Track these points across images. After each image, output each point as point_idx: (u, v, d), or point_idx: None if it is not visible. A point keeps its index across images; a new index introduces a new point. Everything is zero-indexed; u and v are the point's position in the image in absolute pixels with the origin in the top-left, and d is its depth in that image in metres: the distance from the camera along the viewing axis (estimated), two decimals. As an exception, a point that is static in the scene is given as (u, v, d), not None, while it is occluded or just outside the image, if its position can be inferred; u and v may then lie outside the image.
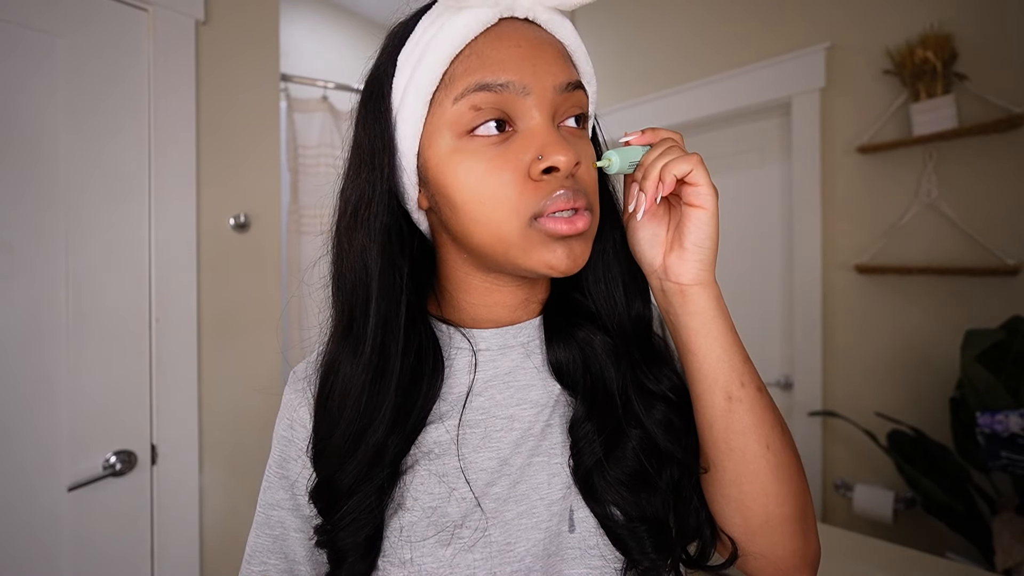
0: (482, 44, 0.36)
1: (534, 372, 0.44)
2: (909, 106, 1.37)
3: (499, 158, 0.36)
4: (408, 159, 0.39)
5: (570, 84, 0.38)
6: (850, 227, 1.52)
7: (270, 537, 0.43)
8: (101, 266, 1.05)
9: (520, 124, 0.36)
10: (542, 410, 0.43)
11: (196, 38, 1.18)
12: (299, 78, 1.68)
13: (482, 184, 0.36)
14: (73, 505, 1.01)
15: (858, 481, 1.50)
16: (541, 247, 0.36)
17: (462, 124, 0.36)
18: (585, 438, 0.41)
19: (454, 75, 0.36)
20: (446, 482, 0.39)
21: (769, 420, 0.39)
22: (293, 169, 1.72)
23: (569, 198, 0.35)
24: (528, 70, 0.36)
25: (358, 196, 0.41)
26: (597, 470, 0.40)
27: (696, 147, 1.91)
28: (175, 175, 1.14)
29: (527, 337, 0.45)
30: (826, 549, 1.04)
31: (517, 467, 0.40)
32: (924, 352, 1.39)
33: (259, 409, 1.32)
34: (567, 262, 0.37)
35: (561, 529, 0.40)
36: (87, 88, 1.03)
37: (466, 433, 0.41)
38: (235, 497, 1.25)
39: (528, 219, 0.36)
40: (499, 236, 0.37)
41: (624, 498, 0.39)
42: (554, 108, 0.37)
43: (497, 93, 0.35)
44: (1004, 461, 1.01)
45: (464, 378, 0.43)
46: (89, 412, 1.03)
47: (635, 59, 2.03)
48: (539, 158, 0.35)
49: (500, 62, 0.35)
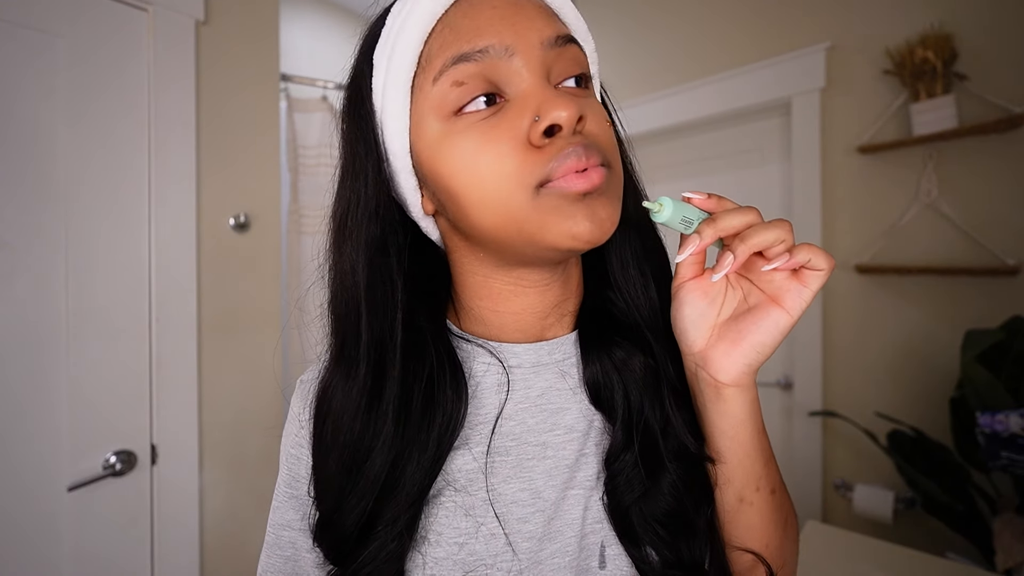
0: (454, 15, 0.33)
1: (568, 394, 0.40)
2: (909, 106, 1.37)
3: (492, 129, 0.32)
4: (401, 159, 0.36)
5: (560, 38, 0.33)
6: (850, 227, 1.52)
7: (281, 558, 0.41)
8: (101, 266, 1.05)
9: (510, 90, 0.32)
10: (577, 437, 0.39)
11: (196, 38, 1.18)
12: (299, 78, 1.68)
13: (477, 161, 0.32)
14: (73, 505, 1.01)
15: (858, 481, 1.50)
16: (558, 215, 0.31)
17: (447, 104, 0.32)
18: (623, 472, 0.37)
19: (430, 55, 0.33)
20: (473, 516, 0.36)
21: (777, 521, 0.38)
22: (293, 169, 1.72)
23: (580, 155, 0.31)
24: (507, 30, 0.32)
25: (344, 208, 0.37)
26: (635, 509, 0.36)
27: (696, 147, 1.92)
28: (175, 175, 1.14)
29: (563, 355, 0.40)
30: (826, 549, 1.05)
31: (551, 502, 0.37)
32: (924, 352, 1.39)
33: (259, 409, 1.32)
34: (591, 227, 0.31)
35: (591, 565, 0.37)
36: (87, 88, 1.03)
37: (495, 461, 0.37)
38: (235, 497, 1.25)
39: (534, 187, 0.31)
40: (507, 214, 0.32)
41: (662, 539, 0.36)
42: (546, 66, 0.33)
43: (477, 62, 0.31)
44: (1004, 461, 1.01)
45: (492, 399, 0.38)
46: (89, 412, 1.03)
47: (635, 59, 2.03)
48: (536, 119, 0.31)
49: (476, 28, 0.32)
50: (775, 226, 0.31)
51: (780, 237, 0.31)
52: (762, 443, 0.37)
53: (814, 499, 1.58)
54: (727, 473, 0.37)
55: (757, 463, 0.37)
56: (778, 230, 0.31)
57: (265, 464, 1.31)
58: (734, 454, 0.36)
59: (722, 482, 0.37)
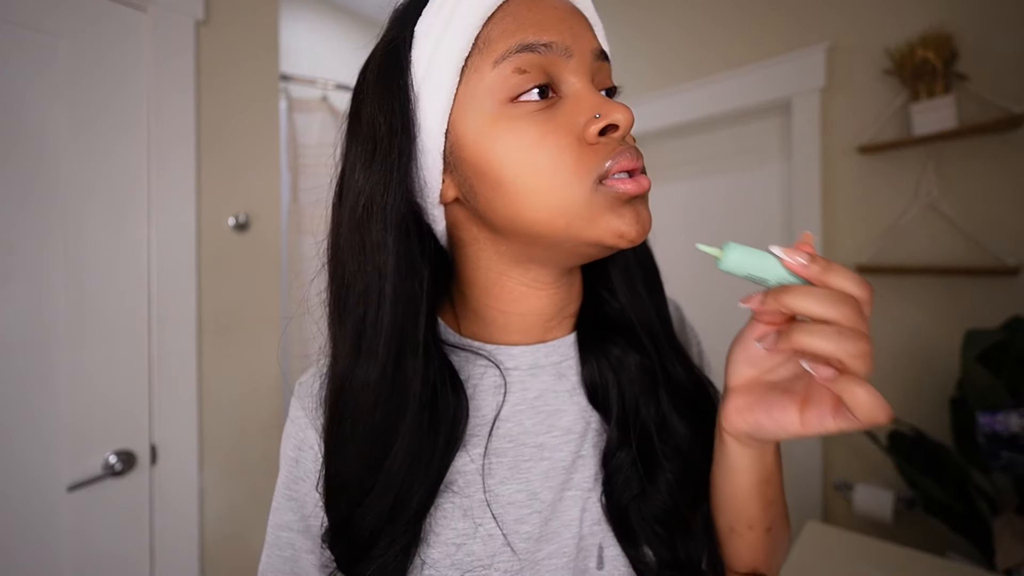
0: (517, 6, 0.33)
1: (566, 396, 0.40)
2: (909, 106, 1.37)
3: (550, 122, 0.32)
4: (434, 138, 0.34)
5: (602, 52, 0.36)
6: (850, 227, 1.52)
7: (281, 559, 0.41)
8: (101, 266, 1.05)
9: (564, 88, 0.33)
10: (574, 439, 0.39)
11: (196, 38, 1.18)
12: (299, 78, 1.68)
13: (536, 152, 0.32)
14: (73, 505, 1.01)
15: (858, 481, 1.50)
16: (609, 213, 0.32)
17: (506, 89, 0.32)
18: (620, 471, 0.37)
19: (489, 38, 0.33)
20: (471, 517, 0.36)
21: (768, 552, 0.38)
22: (293, 169, 1.72)
23: (634, 156, 0.32)
24: (567, 32, 0.33)
25: (372, 185, 0.35)
26: (632, 507, 0.37)
27: (696, 147, 1.92)
28: (175, 175, 1.14)
29: (560, 356, 0.41)
30: (826, 549, 1.05)
31: (548, 503, 0.37)
32: (924, 352, 1.39)
33: (259, 409, 1.32)
34: (637, 227, 0.33)
35: (588, 566, 0.37)
36: (87, 88, 1.03)
37: (492, 463, 0.37)
38: (235, 497, 1.25)
39: (593, 183, 0.32)
40: (562, 207, 0.32)
41: (659, 538, 0.36)
42: (592, 74, 0.35)
43: (541, 54, 0.32)
44: (1004, 461, 1.01)
45: (490, 401, 0.39)
46: (89, 412, 1.03)
47: (635, 59, 2.03)
48: (596, 116, 0.32)
49: (540, 23, 0.33)
50: (844, 338, 0.26)
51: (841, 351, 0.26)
52: (765, 491, 0.35)
53: (814, 499, 1.58)
54: (719, 506, 0.37)
55: (752, 507, 0.36)
56: (846, 344, 0.26)
57: (265, 464, 1.31)
58: (727, 494, 0.36)
59: (715, 512, 0.38)
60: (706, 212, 1.90)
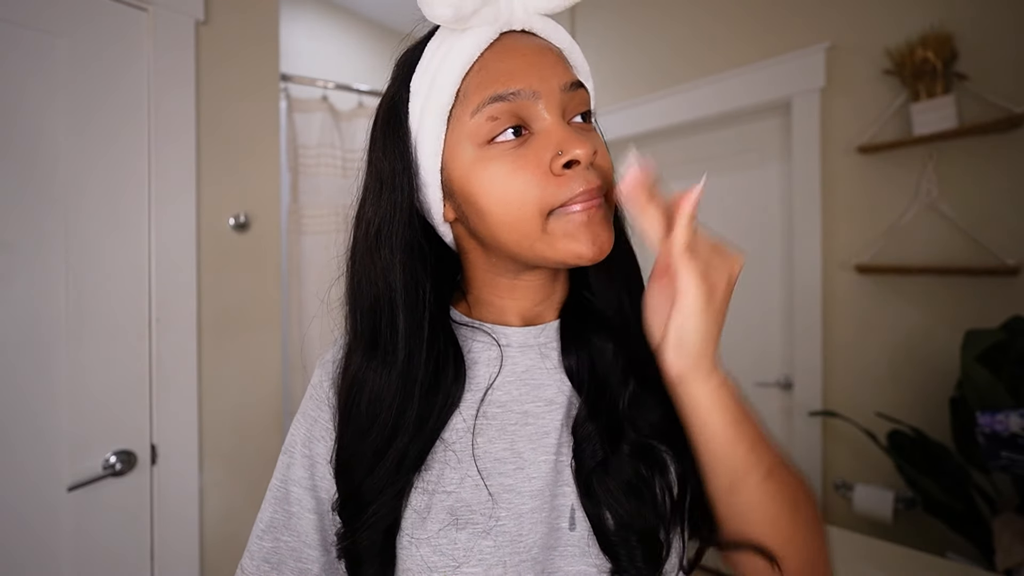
0: (488, 59, 0.39)
1: (548, 373, 0.46)
2: (909, 106, 1.37)
3: (521, 159, 0.38)
4: (432, 174, 0.41)
5: (573, 83, 0.40)
6: (850, 227, 1.52)
7: (287, 513, 0.45)
8: (101, 266, 1.05)
9: (535, 126, 0.39)
10: (556, 409, 0.44)
11: (196, 38, 1.18)
12: (299, 78, 1.68)
13: (507, 185, 0.38)
14: (73, 505, 1.01)
15: (858, 481, 1.50)
16: (566, 238, 0.38)
17: (482, 134, 0.38)
18: (586, 439, 0.42)
19: (467, 91, 0.39)
20: (460, 468, 0.41)
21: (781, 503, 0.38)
22: (293, 169, 1.72)
23: (591, 186, 0.38)
24: (534, 76, 0.38)
25: (380, 217, 0.42)
26: (596, 473, 0.41)
27: (696, 147, 1.92)
28: (175, 175, 1.14)
29: (546, 339, 0.47)
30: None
31: (529, 461, 0.42)
32: (924, 352, 1.39)
33: (259, 409, 1.32)
34: (593, 249, 0.38)
35: (560, 525, 0.41)
36: (87, 88, 1.03)
37: (483, 424, 0.43)
38: (235, 497, 1.25)
39: (547, 213, 0.38)
40: (525, 233, 0.38)
41: (619, 503, 0.40)
42: (563, 107, 0.39)
43: (510, 102, 0.38)
44: (1004, 461, 1.01)
45: (484, 371, 0.45)
46: (89, 412, 1.03)
47: (635, 59, 2.03)
48: (559, 153, 0.37)
49: (508, 73, 0.38)
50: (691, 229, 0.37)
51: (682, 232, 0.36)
52: (742, 431, 0.38)
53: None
54: (711, 462, 0.39)
55: (738, 450, 0.38)
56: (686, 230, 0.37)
57: (265, 463, 1.31)
58: (708, 445, 0.38)
59: (709, 469, 0.39)
60: (706, 212, 1.90)
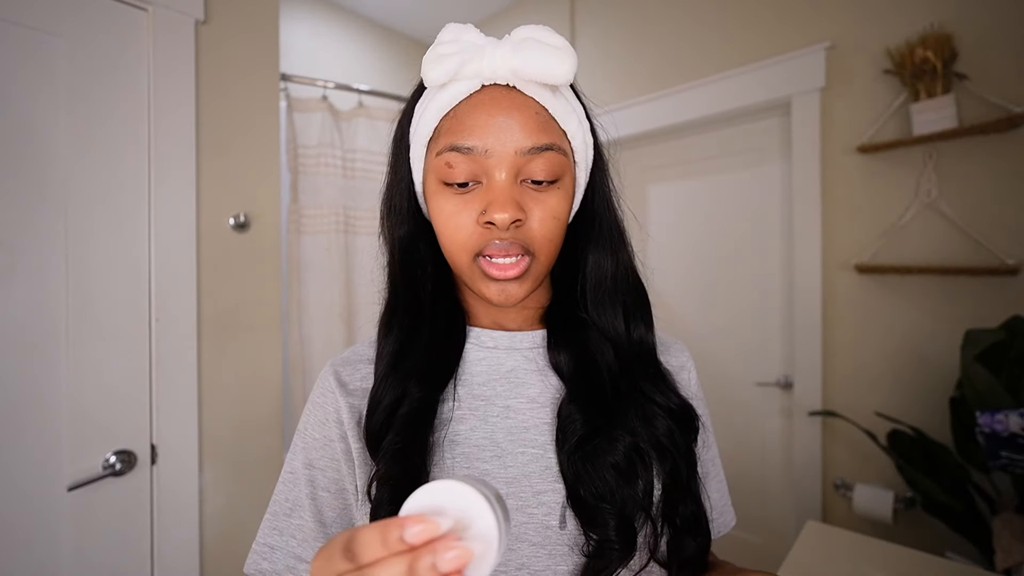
0: (463, 108, 0.43)
1: (533, 373, 0.49)
2: (909, 106, 1.37)
3: (463, 204, 0.43)
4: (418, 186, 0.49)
5: (534, 148, 0.42)
6: (850, 227, 1.52)
7: (311, 497, 0.47)
8: (101, 266, 1.05)
9: (484, 179, 0.43)
10: (537, 407, 0.47)
11: (196, 38, 1.18)
12: (299, 78, 1.68)
13: (449, 222, 0.44)
14: (73, 505, 1.01)
15: (858, 481, 1.50)
16: (481, 281, 0.44)
17: (439, 174, 0.44)
18: (569, 418, 0.45)
19: (440, 131, 0.44)
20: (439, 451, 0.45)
21: None
22: (293, 169, 1.72)
23: (504, 247, 0.42)
24: (492, 136, 0.42)
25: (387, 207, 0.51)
26: (578, 451, 0.43)
27: (696, 147, 1.92)
28: (175, 174, 1.14)
29: (531, 344, 0.51)
30: (825, 549, 1.05)
31: (507, 452, 0.45)
32: (924, 352, 1.39)
33: (259, 409, 1.32)
34: (500, 298, 0.44)
35: (551, 523, 0.43)
36: (86, 88, 1.03)
37: (465, 414, 0.47)
38: (235, 497, 1.25)
39: (473, 256, 0.44)
40: (461, 263, 0.45)
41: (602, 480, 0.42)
42: (517, 168, 0.42)
43: (464, 154, 0.42)
44: (1004, 461, 1.01)
45: (473, 368, 0.49)
46: (89, 412, 1.03)
47: (635, 59, 2.03)
48: (483, 212, 0.42)
49: (471, 128, 0.42)
50: None
51: None
52: None
53: (814, 499, 1.58)
54: None
55: None
56: None
57: (265, 463, 1.31)
58: None
59: None
60: (706, 212, 1.90)
